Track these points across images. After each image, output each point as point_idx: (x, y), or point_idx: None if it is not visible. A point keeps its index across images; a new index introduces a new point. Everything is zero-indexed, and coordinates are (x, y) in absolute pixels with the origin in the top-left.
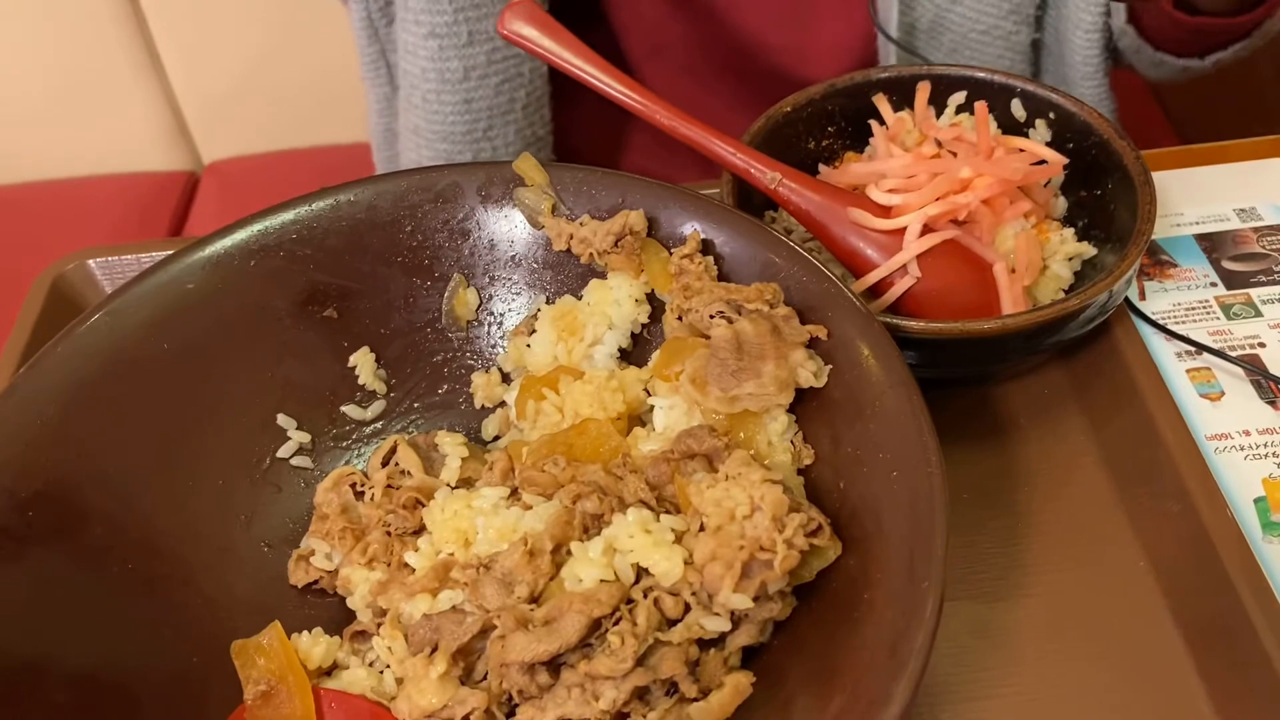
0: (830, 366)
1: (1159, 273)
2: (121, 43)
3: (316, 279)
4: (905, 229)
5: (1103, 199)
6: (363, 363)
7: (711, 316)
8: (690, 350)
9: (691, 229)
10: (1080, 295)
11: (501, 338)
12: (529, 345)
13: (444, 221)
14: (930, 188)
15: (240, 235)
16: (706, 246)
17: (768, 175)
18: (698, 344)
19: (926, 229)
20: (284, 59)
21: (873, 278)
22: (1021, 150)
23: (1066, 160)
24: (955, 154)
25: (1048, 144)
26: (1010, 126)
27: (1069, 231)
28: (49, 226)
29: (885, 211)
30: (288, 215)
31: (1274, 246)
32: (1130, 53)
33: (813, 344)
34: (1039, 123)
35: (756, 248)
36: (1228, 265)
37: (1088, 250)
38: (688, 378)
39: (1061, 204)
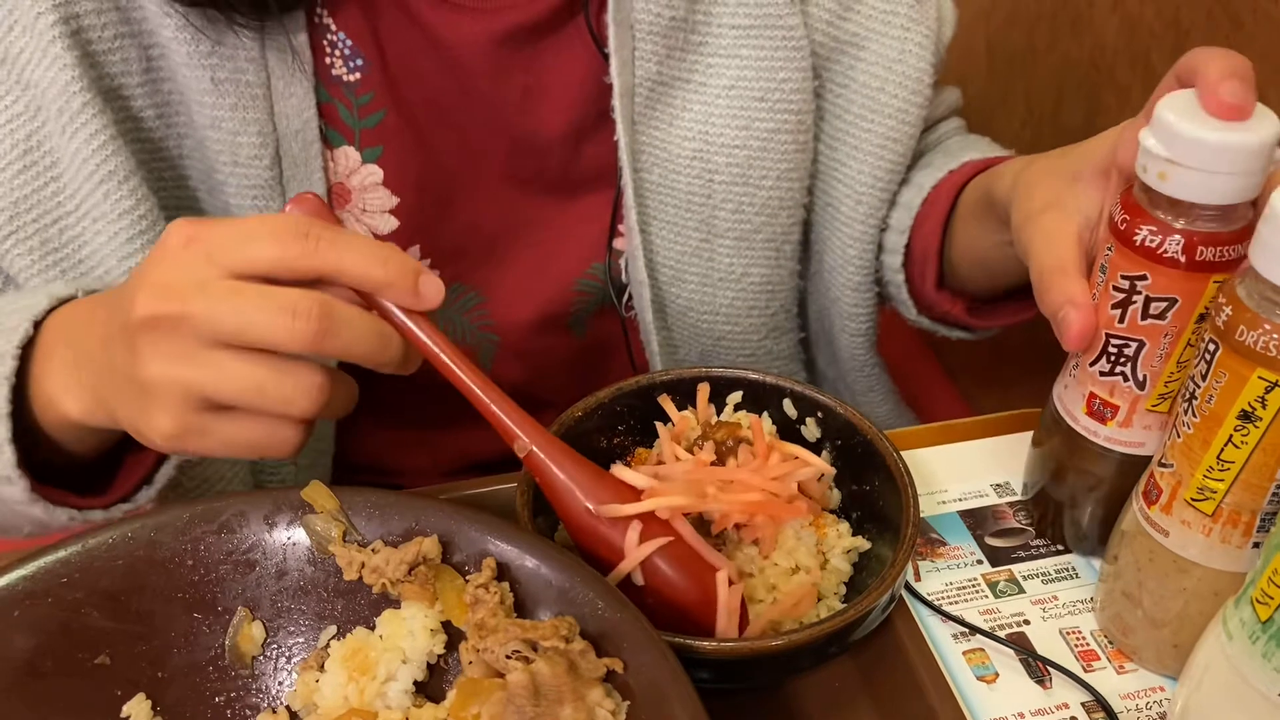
0: (628, 702)
1: (930, 551)
2: None
3: (89, 624)
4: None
5: (871, 494)
6: (137, 712)
7: (508, 656)
8: (487, 692)
9: (486, 554)
10: (858, 605)
11: (290, 673)
12: (318, 682)
13: (228, 553)
14: (683, 481)
15: (0, 584)
16: (502, 572)
17: (518, 442)
18: (494, 685)
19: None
20: None
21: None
22: (795, 457)
23: (834, 471)
24: (735, 453)
25: (818, 440)
26: (784, 423)
27: (845, 526)
28: None
29: (637, 494)
30: (57, 556)
31: (1029, 521)
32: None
33: (609, 676)
34: (809, 420)
35: (552, 572)
36: (990, 541)
37: (864, 544)
38: None
39: (836, 496)
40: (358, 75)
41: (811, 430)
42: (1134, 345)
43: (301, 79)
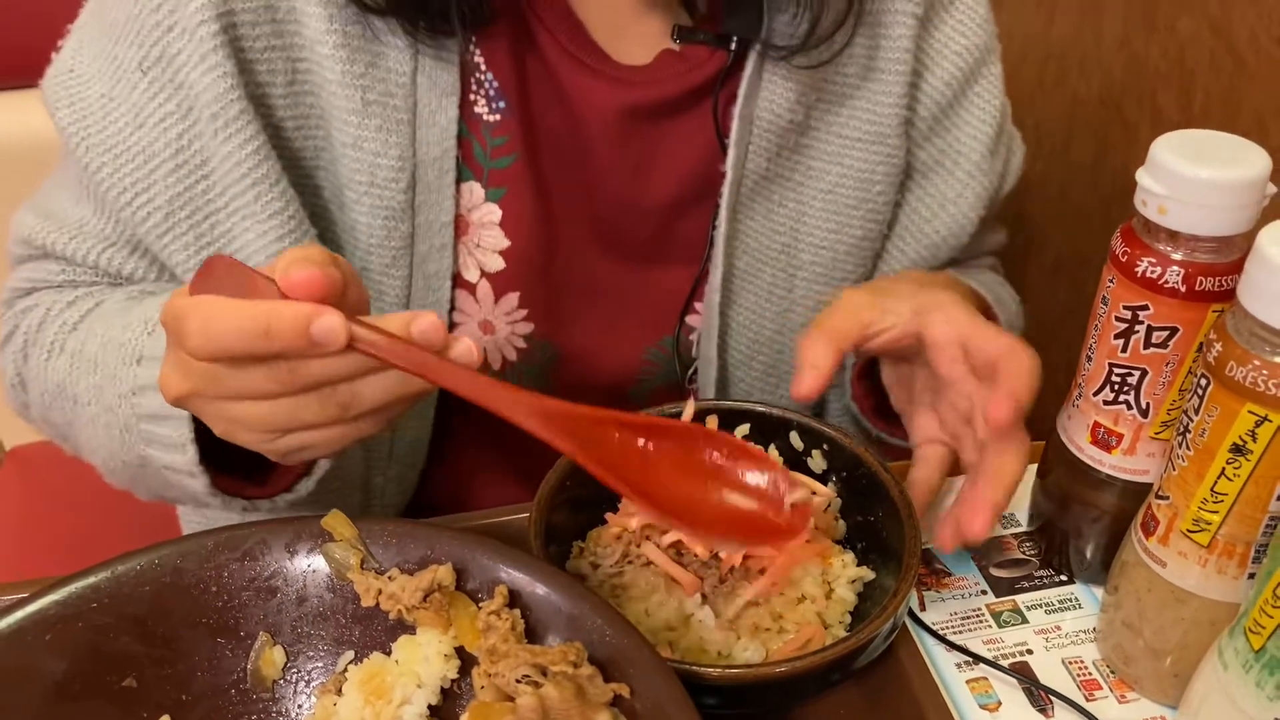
0: None
1: (935, 582)
2: None
3: (117, 648)
4: None
5: (875, 525)
6: None
7: (519, 681)
8: (498, 716)
9: (499, 582)
10: (860, 633)
11: (309, 697)
12: (336, 705)
13: (250, 580)
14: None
15: (35, 608)
16: (514, 598)
17: None
18: (505, 709)
19: None
20: None
21: None
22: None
23: (835, 496)
24: None
25: (824, 471)
26: (791, 455)
27: (850, 556)
28: None
29: None
30: (87, 582)
31: (1032, 552)
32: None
33: (617, 701)
34: (815, 453)
35: (562, 599)
36: (995, 572)
37: (868, 574)
38: None
39: (841, 526)
40: (497, 117)
41: (818, 462)
42: (1137, 374)
43: (448, 108)
